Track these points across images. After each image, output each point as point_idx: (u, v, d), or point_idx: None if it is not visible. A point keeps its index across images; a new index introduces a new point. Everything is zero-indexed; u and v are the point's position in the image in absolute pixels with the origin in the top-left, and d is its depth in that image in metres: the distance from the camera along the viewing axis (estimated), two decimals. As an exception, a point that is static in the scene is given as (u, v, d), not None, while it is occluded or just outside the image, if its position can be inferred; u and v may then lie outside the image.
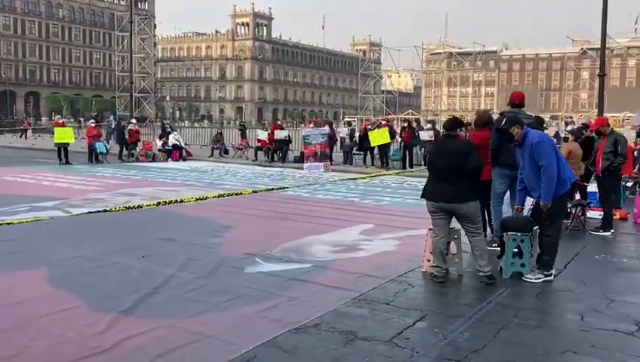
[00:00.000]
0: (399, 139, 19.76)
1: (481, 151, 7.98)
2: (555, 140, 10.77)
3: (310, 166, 19.49)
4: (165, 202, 6.00)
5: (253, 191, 10.35)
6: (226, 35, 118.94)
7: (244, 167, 20.25)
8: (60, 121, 21.45)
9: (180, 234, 8.17)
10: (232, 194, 7.87)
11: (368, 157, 20.10)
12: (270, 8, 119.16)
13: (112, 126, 26.24)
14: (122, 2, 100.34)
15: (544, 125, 10.73)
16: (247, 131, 31.77)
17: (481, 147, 7.98)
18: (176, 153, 23.16)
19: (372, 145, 19.17)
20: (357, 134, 21.79)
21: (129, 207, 5.56)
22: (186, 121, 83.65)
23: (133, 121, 23.41)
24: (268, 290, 5.61)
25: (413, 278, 6.13)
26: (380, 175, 15.94)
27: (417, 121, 20.36)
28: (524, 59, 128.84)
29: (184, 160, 23.02)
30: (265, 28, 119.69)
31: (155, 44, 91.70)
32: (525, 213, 6.51)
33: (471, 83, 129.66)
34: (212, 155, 23.96)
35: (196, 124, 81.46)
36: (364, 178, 14.26)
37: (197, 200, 7.02)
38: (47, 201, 10.95)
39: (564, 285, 6.00)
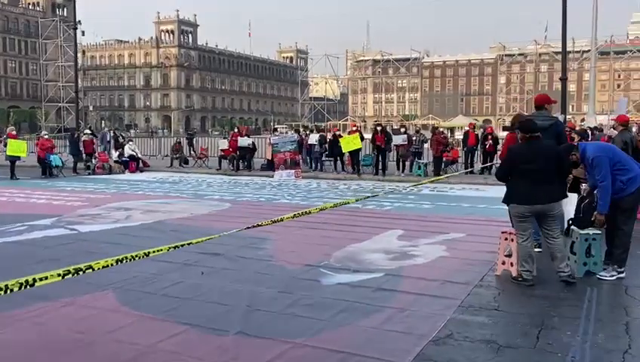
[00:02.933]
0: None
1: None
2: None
3: (281, 174, 19.25)
4: (303, 213, 5.74)
5: (359, 199, 10.40)
6: (150, 43, 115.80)
7: (212, 177, 19.66)
8: (14, 132, 19.98)
9: (219, 247, 7.78)
10: (342, 204, 7.78)
11: (339, 163, 20.07)
12: (195, 15, 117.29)
13: (107, 137, 24.96)
14: (38, 8, 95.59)
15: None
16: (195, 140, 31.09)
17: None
18: (132, 164, 22.22)
19: (344, 151, 19.17)
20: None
21: (275, 221, 5.22)
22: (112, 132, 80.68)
23: (88, 131, 22.25)
24: (367, 302, 5.44)
25: (496, 283, 6.13)
26: (435, 180, 15.90)
27: (382, 125, 20.48)
28: (444, 65, 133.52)
29: (141, 171, 22.12)
30: (190, 35, 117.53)
31: (84, 52, 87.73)
32: None
33: (395, 89, 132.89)
34: (171, 165, 23.15)
35: (123, 134, 79.11)
36: (423, 183, 14.23)
37: (320, 210, 6.79)
38: (41, 219, 10.15)
39: (638, 282, 6.18)
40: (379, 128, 18.67)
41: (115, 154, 22.38)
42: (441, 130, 20.39)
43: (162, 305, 5.38)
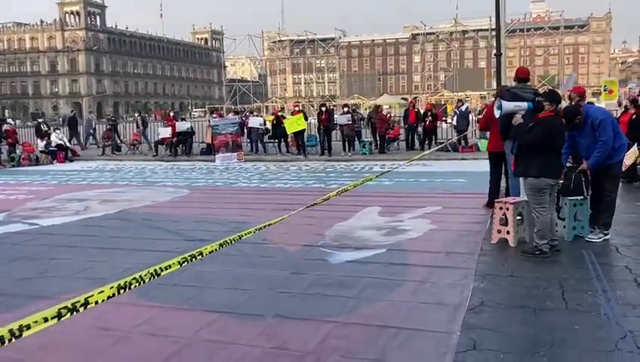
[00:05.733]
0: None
1: (493, 123, 8.43)
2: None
3: (223, 157, 18.83)
4: (344, 189, 5.60)
5: (378, 176, 10.92)
6: (54, 25, 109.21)
7: (150, 164, 18.89)
8: None
9: (205, 234, 7.54)
10: (369, 179, 7.65)
11: (283, 144, 19.89)
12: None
13: (93, 125, 23.20)
14: None
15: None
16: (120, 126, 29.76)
17: (491, 118, 8.42)
18: (60, 154, 20.99)
19: (288, 132, 19.01)
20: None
21: (325, 198, 5.06)
22: (17, 121, 75.73)
23: (10, 120, 20.75)
24: (384, 277, 5.47)
25: (497, 251, 6.34)
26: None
27: (326, 105, 20.44)
28: (361, 45, 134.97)
29: (70, 161, 20.95)
30: (98, 17, 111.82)
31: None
32: None
33: (314, 70, 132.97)
34: (103, 153, 22.07)
35: (29, 123, 74.28)
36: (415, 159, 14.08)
37: (355, 186, 6.64)
38: (-10, 215, 9.42)
39: (622, 241, 6.55)
40: (323, 108, 18.66)
41: (41, 143, 21.01)
42: (383, 108, 20.67)
43: (179, 295, 5.16)
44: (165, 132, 20.22)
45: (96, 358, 3.94)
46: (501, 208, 6.60)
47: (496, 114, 6.24)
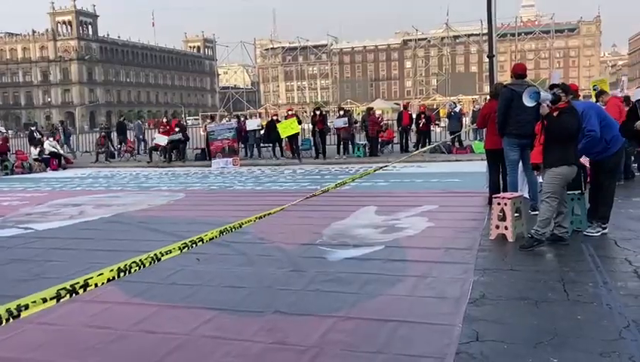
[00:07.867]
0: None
1: (489, 121, 8.44)
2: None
3: (219, 162, 18.79)
4: (340, 183, 5.51)
5: (367, 174, 10.47)
6: (46, 35, 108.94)
7: (145, 170, 18.81)
8: None
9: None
10: (361, 176, 7.76)
11: (277, 149, 19.85)
12: (94, 5, 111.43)
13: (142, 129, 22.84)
14: None
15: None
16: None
17: (487, 116, 8.44)
18: (53, 161, 20.89)
19: (282, 136, 18.97)
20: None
21: (325, 190, 5.01)
22: (10, 131, 75.45)
23: (2, 129, 20.61)
24: (384, 273, 5.43)
25: (496, 246, 6.31)
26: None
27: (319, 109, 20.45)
28: (353, 51, 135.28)
29: (64, 168, 20.86)
30: (90, 26, 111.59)
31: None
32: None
33: (307, 76, 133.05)
34: (97, 161, 21.97)
35: (21, 134, 73.88)
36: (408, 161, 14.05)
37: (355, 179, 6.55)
38: (-16, 221, 9.32)
39: (621, 235, 6.53)
40: (317, 112, 18.65)
41: (34, 151, 20.90)
42: (375, 110, 20.68)
43: (176, 293, 5.10)
44: (161, 139, 20.10)
45: (94, 356, 3.86)
46: (499, 204, 6.58)
47: (529, 103, 6.00)
